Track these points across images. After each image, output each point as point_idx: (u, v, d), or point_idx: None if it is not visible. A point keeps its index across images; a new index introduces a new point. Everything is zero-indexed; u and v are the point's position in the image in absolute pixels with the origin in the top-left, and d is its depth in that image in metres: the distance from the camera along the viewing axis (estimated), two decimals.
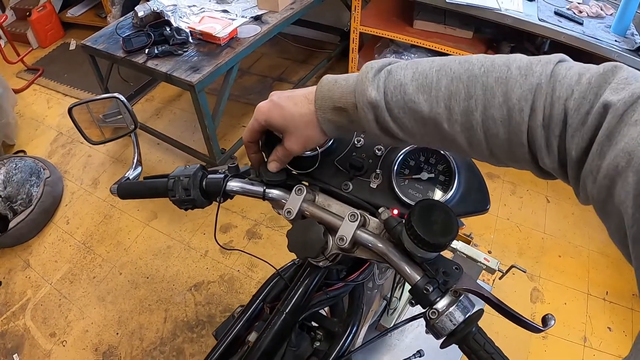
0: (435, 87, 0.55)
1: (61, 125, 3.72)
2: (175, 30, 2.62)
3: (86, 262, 2.67)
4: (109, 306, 2.44)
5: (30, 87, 4.27)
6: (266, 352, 0.81)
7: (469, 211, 0.71)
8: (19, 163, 2.97)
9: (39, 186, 2.92)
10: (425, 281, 0.62)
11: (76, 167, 3.32)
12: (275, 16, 2.75)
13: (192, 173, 0.81)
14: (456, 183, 0.70)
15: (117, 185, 0.94)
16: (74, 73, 4.34)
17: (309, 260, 0.78)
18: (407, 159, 0.74)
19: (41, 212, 2.86)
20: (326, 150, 0.78)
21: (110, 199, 3.01)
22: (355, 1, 2.81)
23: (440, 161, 0.72)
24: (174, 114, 3.64)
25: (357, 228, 0.69)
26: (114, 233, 2.80)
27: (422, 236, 0.57)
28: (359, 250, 0.72)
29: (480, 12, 2.37)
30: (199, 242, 2.68)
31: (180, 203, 0.82)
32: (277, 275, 0.98)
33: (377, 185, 0.75)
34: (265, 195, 0.77)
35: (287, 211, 0.74)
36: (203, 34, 2.57)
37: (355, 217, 0.69)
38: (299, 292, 0.81)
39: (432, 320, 0.61)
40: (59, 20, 5.00)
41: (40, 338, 2.37)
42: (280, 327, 0.80)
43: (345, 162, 0.77)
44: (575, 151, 0.48)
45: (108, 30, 2.87)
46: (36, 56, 4.72)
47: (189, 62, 2.46)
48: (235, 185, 0.79)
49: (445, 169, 0.72)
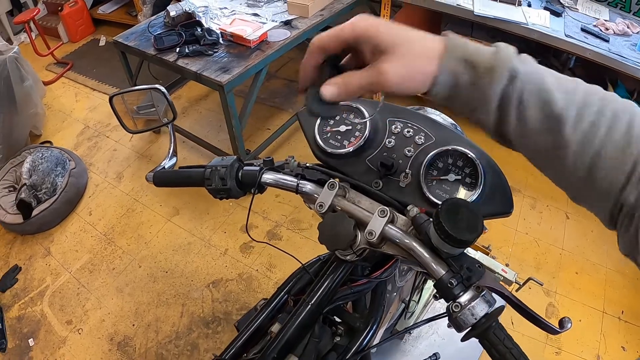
0: (572, 91, 0.55)
1: (88, 118, 3.81)
2: (207, 31, 2.68)
3: (106, 253, 2.74)
4: (126, 298, 2.50)
5: (59, 80, 4.38)
6: (289, 341, 0.84)
7: (493, 212, 0.74)
8: (45, 153, 3.05)
9: (63, 176, 3.00)
10: (450, 276, 0.65)
11: (101, 160, 3.40)
12: (305, 22, 2.80)
13: (230, 164, 0.85)
14: (482, 185, 0.73)
15: (153, 173, 0.98)
16: (102, 68, 4.44)
17: (337, 254, 0.82)
18: (435, 160, 0.77)
19: (65, 202, 2.94)
20: (359, 149, 0.82)
21: (134, 193, 3.09)
22: (384, 10, 2.86)
23: (467, 164, 0.76)
24: (200, 114, 3.71)
25: (386, 224, 0.72)
26: (136, 226, 2.87)
27: (449, 232, 0.61)
28: (386, 245, 0.75)
29: (507, 25, 2.40)
30: (219, 240, 2.73)
31: (216, 192, 0.86)
32: (302, 269, 1.02)
33: (406, 184, 0.78)
34: (299, 188, 0.81)
35: (319, 205, 0.77)
36: (234, 35, 2.63)
37: (385, 213, 0.73)
38: (325, 285, 0.84)
39: (454, 314, 0.64)
40: (89, 16, 5.12)
41: (56, 325, 2.44)
42: (305, 317, 0.84)
43: (376, 161, 0.80)
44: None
45: (140, 28, 2.95)
46: (66, 50, 4.84)
47: (219, 63, 2.52)
48: (270, 178, 0.84)
49: (471, 172, 0.75)
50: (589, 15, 2.59)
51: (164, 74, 3.28)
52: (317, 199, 0.78)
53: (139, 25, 3.01)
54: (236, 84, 2.45)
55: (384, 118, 0.85)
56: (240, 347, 0.96)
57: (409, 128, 0.83)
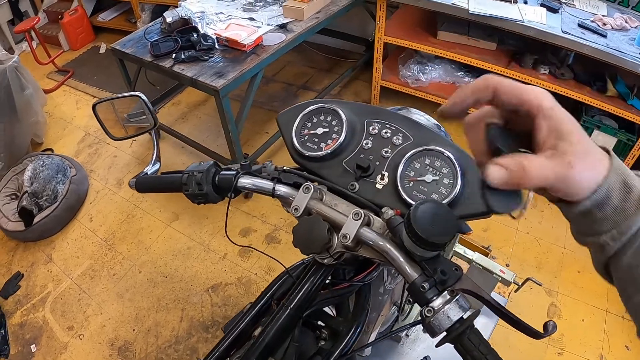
0: None
1: (89, 125, 3.82)
2: (202, 37, 2.69)
3: (107, 259, 2.74)
4: (127, 303, 2.50)
5: (60, 88, 4.40)
6: (269, 345, 0.83)
7: (473, 213, 0.72)
8: (46, 160, 3.07)
9: (64, 184, 3.01)
10: (423, 279, 0.64)
11: (102, 166, 3.41)
12: (300, 25, 2.79)
13: (206, 169, 0.84)
14: (459, 186, 0.71)
15: (136, 179, 0.98)
16: (103, 75, 4.46)
17: (315, 258, 0.81)
18: (412, 161, 0.75)
19: (66, 208, 2.95)
20: (335, 151, 0.80)
21: (134, 199, 3.09)
22: (379, 11, 2.85)
23: (445, 164, 0.74)
24: (199, 119, 3.71)
25: (360, 226, 0.71)
26: (136, 232, 2.87)
27: (419, 234, 0.59)
28: (362, 248, 0.74)
29: (503, 23, 2.38)
30: (218, 244, 2.73)
31: (194, 197, 0.85)
32: (286, 273, 1.00)
33: (382, 186, 0.76)
34: (275, 192, 0.80)
35: (294, 208, 0.76)
36: (229, 40, 2.63)
37: (359, 216, 0.71)
38: (304, 289, 0.83)
39: (427, 318, 0.63)
40: (89, 23, 5.15)
41: (58, 330, 2.44)
42: (284, 321, 0.82)
43: (352, 163, 0.79)
44: None
45: (137, 35, 2.95)
46: (67, 58, 4.87)
47: (214, 68, 2.51)
48: (247, 182, 0.82)
49: (449, 172, 0.73)
50: (586, 10, 2.57)
51: (161, 80, 3.29)
52: (293, 202, 0.77)
53: (136, 32, 3.01)
54: (231, 89, 2.45)
55: (362, 119, 0.84)
56: (223, 351, 0.95)
57: (387, 129, 0.81)
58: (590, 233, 0.52)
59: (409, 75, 3.14)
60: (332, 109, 0.84)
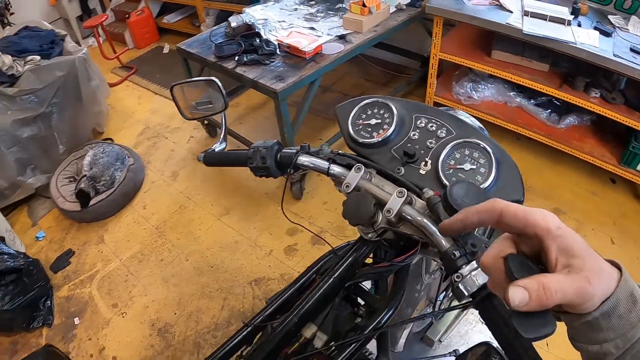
0: None
1: (149, 120, 4.07)
2: (265, 42, 2.86)
3: (157, 245, 2.92)
4: (171, 288, 2.66)
5: (123, 83, 4.69)
6: (310, 310, 0.94)
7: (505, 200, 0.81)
8: (106, 148, 3.29)
9: (122, 171, 3.21)
10: (454, 249, 0.73)
11: (159, 159, 3.63)
12: (358, 37, 2.92)
13: (270, 146, 0.98)
14: (494, 174, 0.81)
15: (204, 154, 1.12)
16: (165, 74, 4.72)
17: (360, 233, 0.91)
18: (454, 151, 0.86)
19: (121, 194, 3.16)
20: (385, 139, 0.92)
21: (187, 192, 3.28)
22: (436, 28, 2.95)
23: (482, 156, 0.84)
24: (256, 121, 3.90)
25: (403, 204, 0.81)
26: (187, 222, 3.05)
27: (453, 206, 0.69)
28: (403, 225, 0.84)
29: (555, 44, 2.45)
30: (265, 241, 2.86)
31: (257, 170, 0.99)
32: (331, 252, 1.12)
33: (425, 172, 0.87)
34: (329, 171, 0.92)
35: (345, 185, 0.88)
36: (290, 47, 2.78)
37: (403, 194, 0.82)
38: (348, 261, 0.94)
39: (456, 283, 0.72)
40: (155, 24, 5.46)
41: (102, 307, 2.62)
42: (327, 289, 0.94)
43: (400, 151, 0.90)
44: None
45: (202, 37, 3.16)
46: (131, 56, 5.17)
47: (275, 72, 2.67)
48: (305, 160, 0.95)
49: (485, 162, 0.84)
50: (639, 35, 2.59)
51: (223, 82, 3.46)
52: (344, 180, 0.88)
53: (201, 34, 3.22)
54: (290, 92, 2.60)
55: (411, 114, 0.95)
56: (267, 317, 1.07)
57: (433, 123, 0.92)
58: (593, 341, 0.54)
59: (462, 92, 3.22)
60: (385, 103, 0.96)
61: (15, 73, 3.20)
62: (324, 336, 0.97)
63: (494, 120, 2.99)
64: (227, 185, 3.31)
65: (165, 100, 4.31)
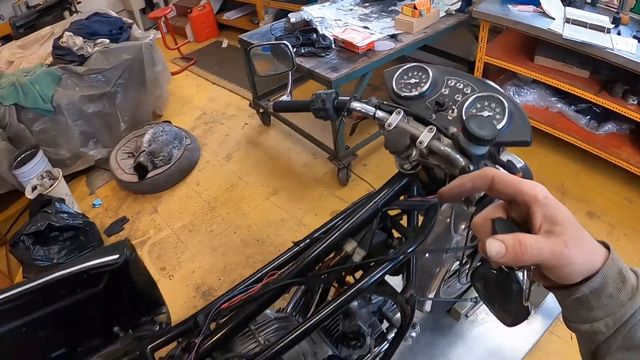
0: None
1: (206, 106, 4.43)
2: (321, 37, 3.14)
3: (207, 218, 3.22)
4: (218, 256, 2.94)
5: (183, 73, 5.07)
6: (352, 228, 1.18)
7: (515, 140, 1.05)
8: (166, 128, 3.64)
9: (179, 149, 3.55)
10: (469, 164, 0.97)
11: (214, 142, 3.96)
12: (409, 37, 3.17)
13: (329, 93, 1.24)
14: (506, 119, 1.05)
15: (274, 102, 1.39)
16: (223, 66, 5.08)
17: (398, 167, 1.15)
18: (475, 102, 1.10)
19: (177, 170, 3.49)
20: (422, 94, 1.17)
21: (240, 172, 3.59)
22: (482, 33, 3.17)
23: (499, 106, 1.08)
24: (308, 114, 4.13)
25: (432, 138, 1.05)
26: (237, 200, 3.34)
27: (469, 130, 0.93)
28: (432, 157, 1.08)
29: (593, 50, 2.62)
30: (310, 221, 3.10)
31: (317, 111, 1.25)
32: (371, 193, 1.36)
33: (452, 117, 1.11)
34: (375, 114, 1.17)
35: (387, 124, 1.12)
36: (345, 42, 3.06)
37: (432, 130, 1.06)
38: (386, 190, 1.19)
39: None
40: (215, 20, 5.87)
41: (151, 269, 2.89)
42: (367, 211, 1.18)
43: (432, 102, 1.15)
44: None
45: (262, 30, 3.49)
46: (191, 48, 5.57)
47: (330, 64, 2.94)
48: (357, 105, 1.21)
49: (501, 111, 1.07)
50: None
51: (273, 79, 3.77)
52: (387, 121, 1.13)
53: (261, 28, 3.56)
54: (343, 82, 2.86)
55: (444, 77, 1.20)
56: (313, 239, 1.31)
57: (461, 83, 1.17)
58: (584, 320, 0.57)
59: None
60: (423, 67, 1.21)
61: (85, 53, 3.58)
62: (362, 252, 1.21)
63: (535, 124, 3.16)
64: (278, 169, 3.58)
65: (222, 90, 4.67)
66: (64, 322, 1.20)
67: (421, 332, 2.19)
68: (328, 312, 1.17)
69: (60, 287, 1.13)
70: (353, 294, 1.17)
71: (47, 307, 1.13)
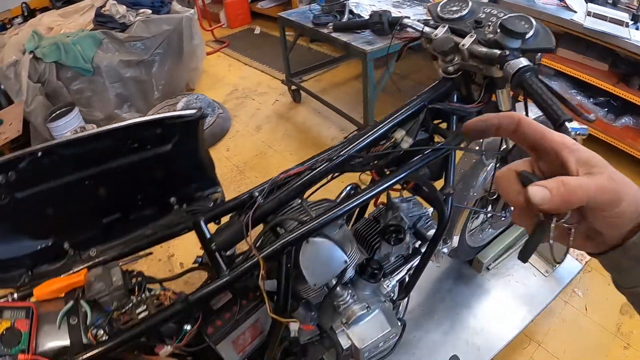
0: None
1: (238, 84, 4.69)
2: (357, 16, 3.39)
3: (235, 180, 3.45)
4: None
5: (215, 54, 5.37)
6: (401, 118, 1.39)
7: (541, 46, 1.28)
8: (199, 96, 3.92)
9: (212, 116, 3.81)
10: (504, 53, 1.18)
11: (245, 114, 4.20)
12: None
13: (385, 9, 1.49)
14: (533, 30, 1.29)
15: (333, 24, 1.65)
16: (255, 51, 5.36)
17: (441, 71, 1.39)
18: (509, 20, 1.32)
19: (209, 134, 3.73)
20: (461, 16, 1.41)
21: (269, 141, 3.81)
22: None
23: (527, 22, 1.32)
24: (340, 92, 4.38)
25: (472, 43, 1.29)
26: (265, 165, 3.55)
27: (504, 25, 1.17)
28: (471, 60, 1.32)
29: (613, 39, 2.84)
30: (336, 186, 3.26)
31: (374, 24, 1.50)
32: None
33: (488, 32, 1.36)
34: (423, 30, 1.42)
35: (434, 34, 1.36)
36: None
37: (473, 36, 1.30)
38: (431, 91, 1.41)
39: (506, 67, 1.14)
40: (249, 8, 6.16)
41: None
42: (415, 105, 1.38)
43: (472, 21, 1.39)
44: None
45: (300, 10, 3.80)
46: (224, 33, 5.86)
47: (365, 39, 3.15)
48: (408, 21, 1.46)
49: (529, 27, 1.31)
50: None
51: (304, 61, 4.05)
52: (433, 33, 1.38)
53: (299, 8, 3.84)
54: (377, 55, 3.06)
55: (481, 7, 1.44)
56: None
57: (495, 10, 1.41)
58: (624, 273, 0.55)
59: None
60: None
61: (126, 22, 3.84)
62: (410, 139, 1.40)
63: None
64: (307, 141, 3.80)
65: (254, 70, 4.94)
66: (126, 182, 1.23)
67: (444, 280, 2.37)
68: (380, 189, 1.37)
69: (133, 139, 1.17)
70: (399, 175, 1.36)
71: (114, 161, 1.16)
